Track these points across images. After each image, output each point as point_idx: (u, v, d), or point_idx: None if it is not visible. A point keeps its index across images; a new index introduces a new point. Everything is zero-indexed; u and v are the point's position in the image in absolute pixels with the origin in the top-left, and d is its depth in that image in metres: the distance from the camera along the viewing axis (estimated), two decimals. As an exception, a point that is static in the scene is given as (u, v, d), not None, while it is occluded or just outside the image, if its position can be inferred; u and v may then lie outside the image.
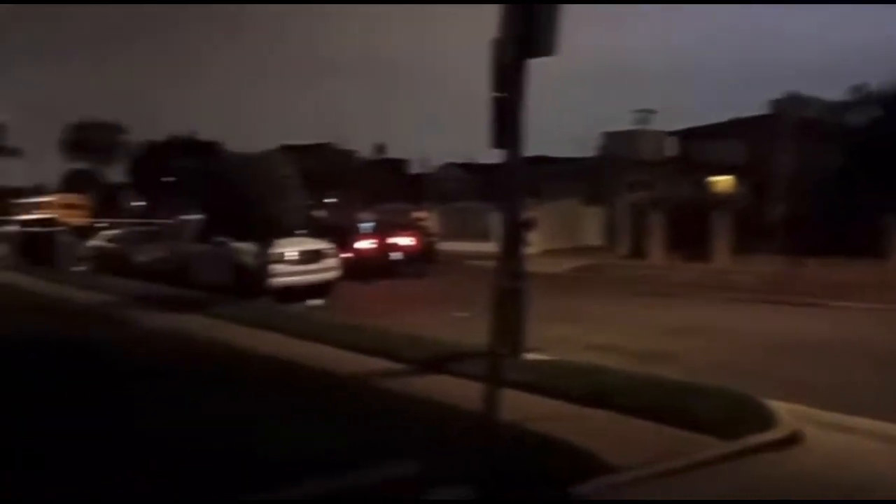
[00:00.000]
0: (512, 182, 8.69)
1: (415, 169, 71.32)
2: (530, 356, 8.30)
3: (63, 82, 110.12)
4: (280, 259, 14.50)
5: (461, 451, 4.33)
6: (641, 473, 4.67)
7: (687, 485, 4.54)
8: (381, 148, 75.90)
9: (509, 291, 4.24)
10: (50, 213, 37.44)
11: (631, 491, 4.42)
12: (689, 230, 22.32)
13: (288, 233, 13.58)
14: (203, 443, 4.78)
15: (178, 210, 25.17)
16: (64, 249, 21.19)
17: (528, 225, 21.47)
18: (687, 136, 33.61)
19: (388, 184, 54.55)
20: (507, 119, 6.68)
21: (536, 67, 6.12)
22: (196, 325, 10.77)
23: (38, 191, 68.71)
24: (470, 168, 58.04)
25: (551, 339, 9.49)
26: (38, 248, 22.14)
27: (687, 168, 31.40)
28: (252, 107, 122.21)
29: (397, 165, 71.71)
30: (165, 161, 63.04)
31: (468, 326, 11.74)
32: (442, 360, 8.12)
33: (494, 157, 7.68)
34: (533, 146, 7.44)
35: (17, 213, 40.27)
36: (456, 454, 4.35)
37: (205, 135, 70.60)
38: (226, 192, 12.46)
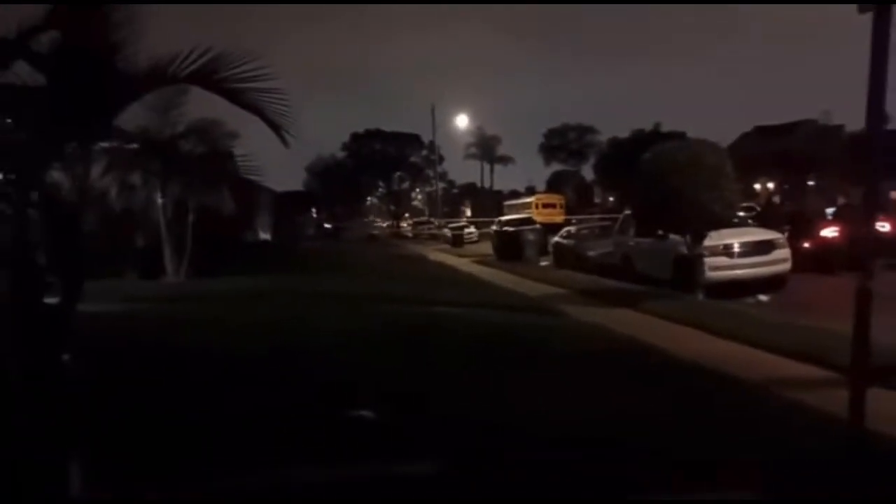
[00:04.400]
0: (870, 153, 6.82)
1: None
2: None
3: (540, 93, 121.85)
4: (721, 251, 13.78)
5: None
6: None
7: None
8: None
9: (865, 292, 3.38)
10: (528, 213, 41.84)
11: None
12: None
13: (724, 224, 12.80)
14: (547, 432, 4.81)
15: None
16: (529, 246, 23.42)
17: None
18: None
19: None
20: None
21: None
22: (620, 318, 10.91)
23: (528, 192, 77.60)
24: None
25: None
26: (510, 245, 24.88)
27: None
28: (722, 93, 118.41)
29: (896, 136, 61.65)
30: (630, 156, 64.94)
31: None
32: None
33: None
34: None
35: (507, 214, 46.01)
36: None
37: (669, 126, 70.84)
38: (653, 184, 12.32)
